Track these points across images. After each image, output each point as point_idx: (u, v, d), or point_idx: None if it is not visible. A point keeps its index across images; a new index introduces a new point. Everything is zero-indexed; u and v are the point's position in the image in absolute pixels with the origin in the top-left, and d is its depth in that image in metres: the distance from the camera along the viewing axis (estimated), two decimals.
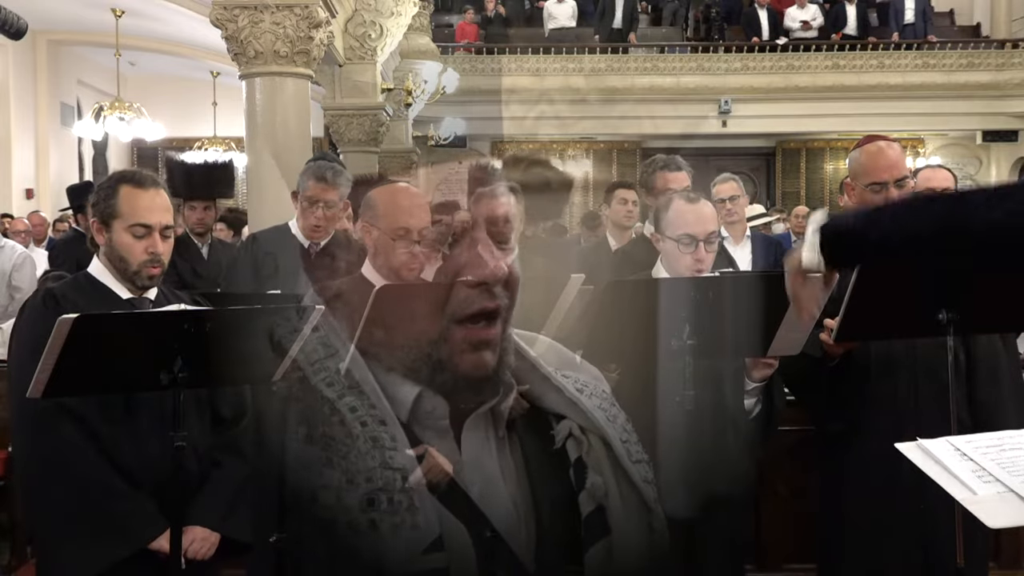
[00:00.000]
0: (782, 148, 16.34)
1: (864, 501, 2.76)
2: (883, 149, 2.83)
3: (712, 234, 2.79)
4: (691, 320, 2.40)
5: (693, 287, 2.50)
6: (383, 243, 2.76)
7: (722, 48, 15.12)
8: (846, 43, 14.78)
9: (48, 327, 2.39)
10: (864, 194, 2.84)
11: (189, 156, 11.76)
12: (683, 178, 3.78)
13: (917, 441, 1.82)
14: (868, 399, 2.76)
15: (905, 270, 2.47)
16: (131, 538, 2.42)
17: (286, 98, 5.93)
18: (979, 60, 14.48)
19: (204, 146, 13.73)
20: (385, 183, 1.37)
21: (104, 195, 2.53)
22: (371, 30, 7.95)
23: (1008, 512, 1.61)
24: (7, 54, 11.40)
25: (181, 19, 10.14)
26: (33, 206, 11.30)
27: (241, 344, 2.18)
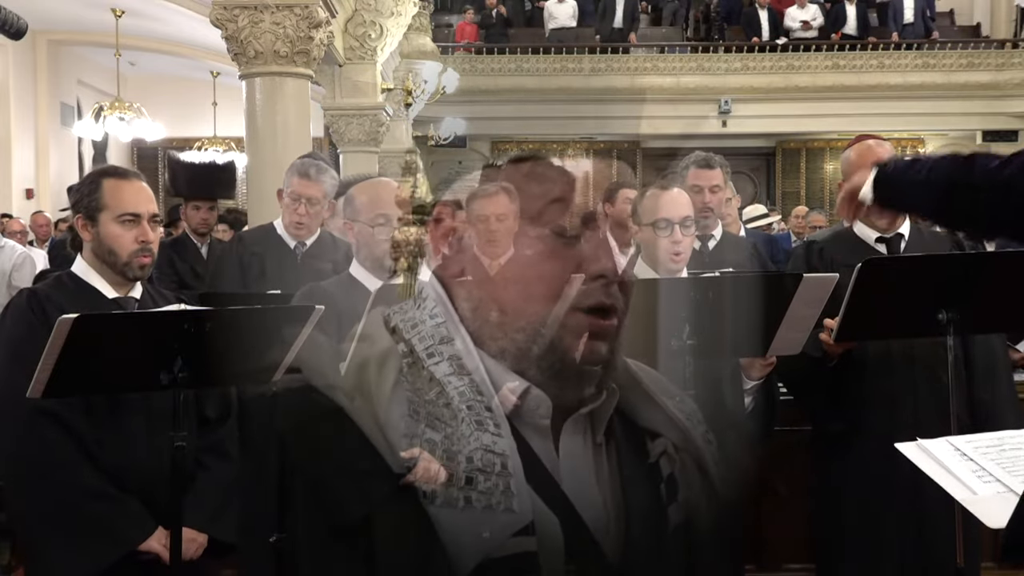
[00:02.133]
0: (782, 148, 16.34)
1: (863, 501, 2.76)
2: (872, 147, 2.85)
3: (687, 218, 2.82)
4: (691, 320, 2.41)
5: (693, 287, 2.50)
6: (364, 234, 2.76)
7: (722, 48, 15.13)
8: (846, 43, 14.79)
9: (30, 327, 2.38)
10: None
11: (191, 156, 11.79)
12: (716, 175, 3.71)
13: (917, 441, 1.83)
14: (867, 399, 2.77)
15: (905, 270, 2.48)
16: (120, 541, 2.40)
17: (286, 98, 5.93)
18: (979, 60, 14.49)
19: (204, 146, 13.73)
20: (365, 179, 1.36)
21: (87, 191, 2.51)
22: (371, 30, 7.95)
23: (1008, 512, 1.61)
24: (7, 54, 11.40)
25: (181, 19, 10.14)
26: (33, 206, 11.30)
27: (241, 344, 2.18)
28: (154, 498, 2.43)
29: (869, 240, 2.90)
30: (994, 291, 2.40)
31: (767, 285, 2.59)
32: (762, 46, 14.89)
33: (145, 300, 2.57)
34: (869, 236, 2.90)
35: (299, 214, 3.69)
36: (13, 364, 2.36)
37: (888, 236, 2.89)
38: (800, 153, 16.39)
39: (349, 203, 2.75)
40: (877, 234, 2.89)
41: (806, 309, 2.46)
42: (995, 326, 2.70)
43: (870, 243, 2.89)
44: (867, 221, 2.84)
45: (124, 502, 2.42)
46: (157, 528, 2.43)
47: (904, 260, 2.65)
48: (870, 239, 2.90)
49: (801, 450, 3.41)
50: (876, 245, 2.88)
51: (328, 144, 10.34)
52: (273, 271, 3.68)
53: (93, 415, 2.41)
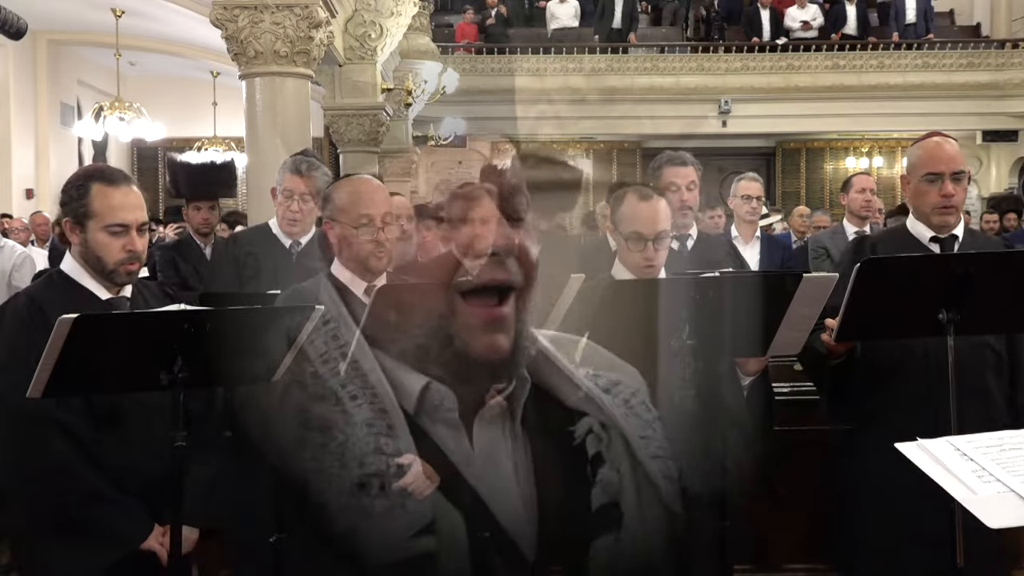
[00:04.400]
0: (782, 148, 16.34)
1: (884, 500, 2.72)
2: (941, 143, 2.85)
3: (662, 233, 2.75)
4: (691, 320, 2.40)
5: (693, 287, 2.50)
6: (346, 235, 2.71)
7: (722, 48, 15.12)
8: (846, 43, 14.79)
9: (25, 328, 2.37)
10: (919, 185, 2.83)
11: (190, 157, 11.78)
12: (689, 172, 3.72)
13: (917, 441, 1.82)
14: (891, 397, 2.74)
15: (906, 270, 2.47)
16: (121, 542, 2.40)
17: (286, 98, 5.93)
18: (979, 60, 14.49)
19: (204, 146, 13.72)
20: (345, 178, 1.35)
21: (76, 194, 2.47)
22: (371, 30, 7.95)
23: (1008, 512, 1.61)
24: (7, 54, 11.40)
25: (181, 19, 10.13)
26: (33, 206, 11.30)
27: (241, 344, 2.18)
28: (149, 496, 2.44)
29: (923, 239, 2.85)
30: (995, 291, 2.39)
31: (767, 285, 2.59)
32: (762, 46, 14.88)
33: (136, 299, 2.55)
34: (923, 235, 2.85)
35: (292, 211, 3.70)
36: (11, 367, 2.35)
37: (942, 237, 2.84)
38: (800, 153, 16.39)
39: (328, 201, 2.65)
40: (931, 233, 2.84)
41: (806, 309, 2.46)
42: (996, 326, 2.69)
43: (924, 241, 2.85)
44: (923, 218, 2.84)
45: (124, 503, 2.42)
46: (155, 527, 2.44)
47: (905, 260, 2.64)
48: (924, 238, 2.85)
49: (801, 450, 3.42)
50: (930, 244, 2.84)
51: (328, 144, 10.33)
52: (268, 270, 3.69)
53: (91, 415, 2.41)
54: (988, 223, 9.48)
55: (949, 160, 2.80)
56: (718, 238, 4.38)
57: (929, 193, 2.81)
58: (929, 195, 2.81)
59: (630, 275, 2.80)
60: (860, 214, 5.26)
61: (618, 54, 14.91)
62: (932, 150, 2.83)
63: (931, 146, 2.85)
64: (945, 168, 2.79)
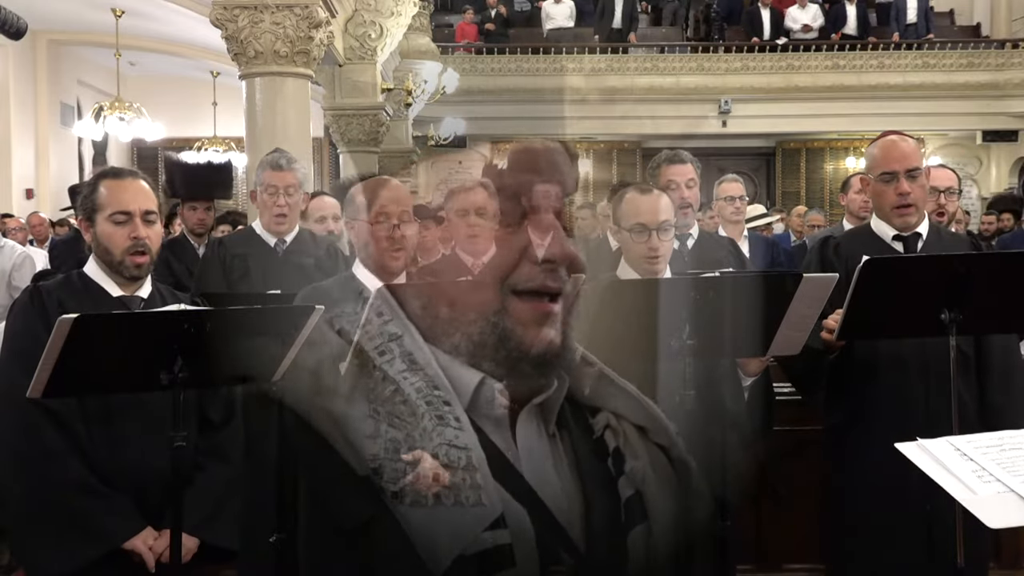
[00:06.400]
0: (782, 148, 16.34)
1: (872, 500, 2.74)
2: (896, 142, 2.86)
3: (665, 223, 2.77)
4: (691, 320, 2.40)
5: (693, 287, 2.50)
6: (365, 233, 2.73)
7: (722, 48, 15.12)
8: (846, 43, 14.79)
9: (31, 324, 2.40)
10: (876, 185, 2.85)
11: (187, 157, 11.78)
12: (688, 171, 3.73)
13: (917, 441, 1.82)
14: (876, 396, 2.76)
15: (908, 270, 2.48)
16: (103, 537, 2.39)
17: (286, 98, 5.94)
18: (979, 60, 14.49)
19: (204, 146, 13.73)
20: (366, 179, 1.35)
21: (87, 192, 2.54)
22: (371, 30, 7.95)
23: (1008, 512, 1.61)
24: (7, 54, 11.40)
25: (181, 19, 10.14)
26: (33, 206, 11.30)
27: (241, 344, 2.18)
28: (147, 499, 2.43)
29: (886, 238, 2.87)
30: (996, 291, 2.39)
31: (767, 285, 2.59)
32: (762, 46, 14.88)
33: (154, 299, 2.57)
34: (886, 233, 2.87)
35: (279, 205, 3.74)
36: (13, 360, 2.38)
37: (906, 235, 2.85)
38: (800, 153, 16.39)
39: (350, 202, 2.74)
40: (894, 232, 2.86)
41: (806, 309, 2.46)
42: (996, 326, 2.69)
43: (887, 240, 2.86)
44: (884, 218, 2.86)
45: (111, 498, 2.40)
46: (145, 528, 2.42)
47: (907, 260, 2.64)
48: (887, 236, 2.87)
49: (801, 450, 3.42)
50: (893, 243, 2.85)
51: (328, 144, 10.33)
52: (256, 270, 3.74)
53: (90, 414, 2.41)
54: (986, 224, 9.49)
55: (903, 158, 2.81)
56: (719, 237, 4.38)
57: (886, 192, 2.82)
58: (887, 194, 2.83)
59: (635, 275, 2.80)
60: (860, 214, 5.25)
61: (618, 54, 14.91)
62: (887, 149, 2.84)
63: (887, 145, 2.86)
64: (899, 167, 2.79)
